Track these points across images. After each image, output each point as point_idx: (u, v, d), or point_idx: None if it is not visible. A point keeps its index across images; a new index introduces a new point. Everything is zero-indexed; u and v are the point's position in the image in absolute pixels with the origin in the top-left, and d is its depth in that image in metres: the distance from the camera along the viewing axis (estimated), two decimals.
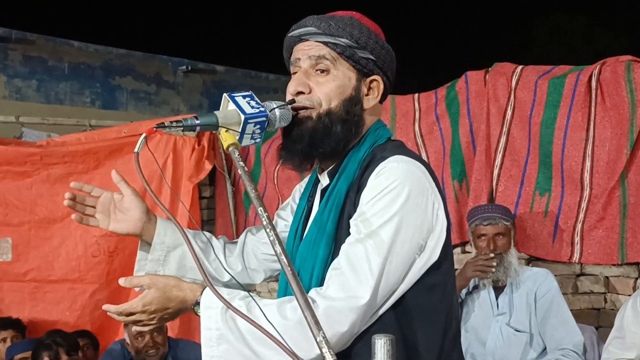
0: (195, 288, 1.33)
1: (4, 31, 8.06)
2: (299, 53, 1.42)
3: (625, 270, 2.88)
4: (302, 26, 1.42)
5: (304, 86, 1.38)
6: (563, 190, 2.99)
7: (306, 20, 1.43)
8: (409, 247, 1.26)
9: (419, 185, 1.28)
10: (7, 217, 4.07)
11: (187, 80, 9.85)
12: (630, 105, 2.76)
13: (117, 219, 1.59)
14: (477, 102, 3.28)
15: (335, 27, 1.38)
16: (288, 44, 1.46)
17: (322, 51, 1.38)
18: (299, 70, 1.42)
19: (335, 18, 1.41)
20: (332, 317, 1.19)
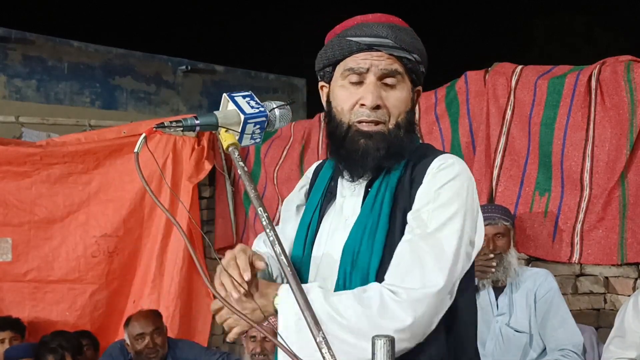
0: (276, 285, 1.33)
1: (3, 31, 8.06)
2: (367, 63, 1.39)
3: (625, 270, 2.87)
4: (375, 35, 1.39)
5: (380, 100, 1.38)
6: (563, 191, 2.99)
7: (378, 29, 1.39)
8: (468, 239, 1.33)
9: (473, 182, 1.39)
10: (7, 217, 4.07)
11: (187, 80, 9.85)
12: (630, 105, 2.76)
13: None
14: (477, 102, 3.28)
15: (409, 41, 1.40)
16: (347, 45, 1.41)
17: (394, 65, 1.39)
18: (366, 81, 1.39)
19: (404, 30, 1.41)
20: (415, 304, 1.24)
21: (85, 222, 4.19)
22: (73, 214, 4.20)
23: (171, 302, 4.15)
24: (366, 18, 1.43)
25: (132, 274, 4.29)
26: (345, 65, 1.41)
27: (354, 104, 1.40)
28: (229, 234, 4.44)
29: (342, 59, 1.43)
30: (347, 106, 1.40)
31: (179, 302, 4.16)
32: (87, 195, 4.22)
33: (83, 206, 4.21)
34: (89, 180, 4.24)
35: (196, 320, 4.30)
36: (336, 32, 1.46)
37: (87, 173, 4.23)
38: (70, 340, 3.45)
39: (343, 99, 1.41)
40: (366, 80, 1.39)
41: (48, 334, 3.51)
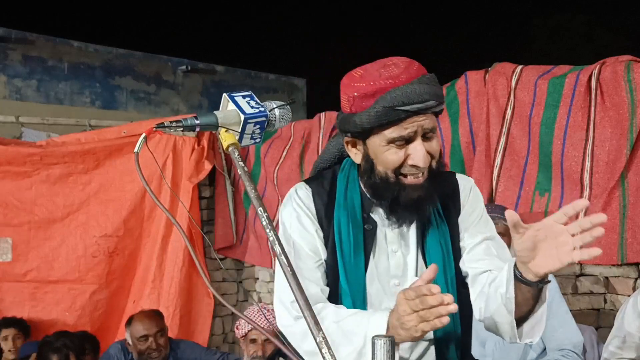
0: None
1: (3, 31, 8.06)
2: (414, 127, 1.43)
3: (625, 270, 2.87)
4: (420, 101, 1.41)
5: (427, 158, 1.46)
6: (563, 191, 2.99)
7: (420, 92, 1.41)
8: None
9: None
10: (7, 218, 4.08)
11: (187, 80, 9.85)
12: (630, 105, 2.76)
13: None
14: (477, 102, 3.28)
15: (441, 94, 1.47)
16: (396, 116, 1.42)
17: (434, 122, 1.47)
18: (414, 143, 1.44)
19: (433, 81, 1.47)
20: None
21: (85, 222, 4.19)
22: (73, 214, 4.20)
23: (171, 302, 4.15)
24: (398, 77, 1.42)
25: (132, 274, 4.30)
26: (392, 133, 1.44)
27: (402, 162, 1.45)
28: (229, 234, 4.44)
29: (386, 127, 1.44)
30: (395, 165, 1.46)
31: (179, 302, 4.16)
32: (87, 195, 4.22)
33: (83, 206, 4.21)
34: (89, 180, 4.24)
35: (196, 320, 4.30)
36: (367, 94, 1.43)
37: (87, 173, 4.23)
38: (74, 341, 3.46)
39: (391, 160, 1.46)
40: (414, 142, 1.44)
41: (50, 334, 3.51)
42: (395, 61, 1.46)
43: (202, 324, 4.31)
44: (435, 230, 1.53)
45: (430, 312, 1.25)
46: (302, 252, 1.54)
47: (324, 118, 4.05)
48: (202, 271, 1.19)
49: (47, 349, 3.35)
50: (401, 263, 1.54)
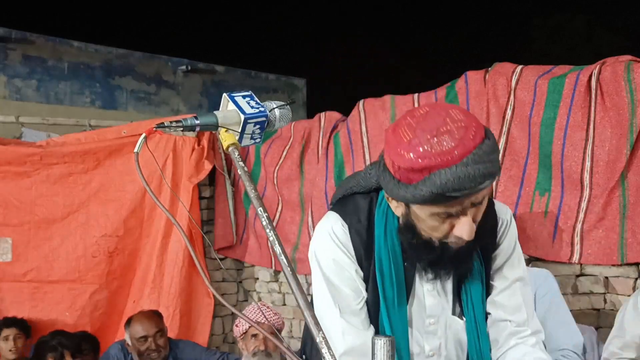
0: None
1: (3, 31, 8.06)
2: (466, 202, 1.31)
3: (625, 270, 2.87)
4: (475, 187, 1.26)
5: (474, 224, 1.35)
6: (563, 191, 2.99)
7: (475, 177, 1.24)
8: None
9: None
10: (6, 218, 4.07)
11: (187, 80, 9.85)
12: (630, 105, 2.76)
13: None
14: (477, 102, 3.28)
15: (497, 166, 1.30)
16: (448, 200, 1.28)
17: (486, 191, 1.35)
18: (462, 217, 1.33)
19: (490, 151, 1.27)
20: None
21: (85, 222, 4.19)
22: (73, 214, 4.19)
23: (171, 302, 4.14)
24: (450, 155, 1.23)
25: (132, 274, 4.29)
26: (438, 209, 1.31)
27: (448, 232, 1.35)
28: (229, 233, 4.44)
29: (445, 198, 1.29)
30: (440, 235, 1.36)
31: (179, 302, 4.16)
32: (87, 195, 4.22)
33: (83, 206, 4.21)
34: (89, 180, 4.24)
35: (196, 320, 4.29)
36: (415, 168, 1.26)
37: (87, 173, 4.23)
38: (70, 339, 3.46)
39: (435, 228, 1.35)
40: (462, 217, 1.32)
41: (46, 334, 3.52)
42: (450, 126, 1.25)
43: (202, 324, 4.31)
44: (476, 270, 1.50)
45: None
46: (343, 293, 1.47)
47: (324, 118, 4.05)
48: (202, 271, 1.19)
49: (43, 348, 3.36)
50: (437, 302, 1.52)
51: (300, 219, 4.11)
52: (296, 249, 4.06)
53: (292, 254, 4.06)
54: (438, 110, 1.29)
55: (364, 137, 3.72)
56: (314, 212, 3.95)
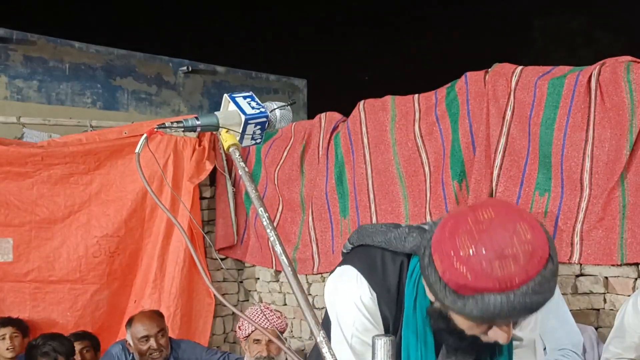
0: None
1: (5, 32, 8.07)
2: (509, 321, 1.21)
3: (625, 270, 2.88)
4: (521, 315, 1.17)
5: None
6: (563, 191, 2.99)
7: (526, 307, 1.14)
8: None
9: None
10: (8, 218, 4.07)
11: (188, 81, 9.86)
12: (630, 105, 2.77)
13: None
14: (477, 102, 3.28)
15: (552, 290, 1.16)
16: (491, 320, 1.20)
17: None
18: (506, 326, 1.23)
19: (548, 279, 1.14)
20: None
21: (86, 223, 4.19)
22: (74, 215, 4.20)
23: (172, 302, 4.15)
24: (512, 281, 1.11)
25: (134, 274, 4.30)
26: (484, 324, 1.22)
27: (484, 332, 1.24)
28: (230, 234, 4.44)
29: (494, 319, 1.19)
30: (475, 332, 1.25)
31: (180, 302, 4.16)
32: (88, 196, 4.22)
33: (84, 206, 4.22)
34: (90, 180, 4.24)
35: (197, 320, 4.30)
36: (468, 285, 1.13)
37: (88, 173, 4.23)
38: (64, 343, 3.45)
39: (472, 329, 1.25)
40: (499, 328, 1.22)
41: (37, 337, 3.51)
42: (517, 248, 1.11)
43: (203, 324, 4.31)
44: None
45: None
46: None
47: (325, 119, 4.05)
48: (203, 271, 1.19)
49: (34, 353, 3.35)
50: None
51: (300, 219, 4.12)
52: (297, 249, 4.07)
53: (293, 254, 4.07)
54: (504, 221, 1.14)
55: (365, 137, 3.73)
56: (315, 213, 3.96)
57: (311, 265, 3.99)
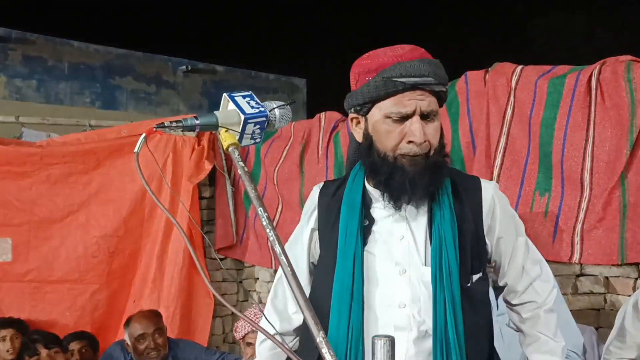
0: None
1: (4, 31, 8.06)
2: (412, 104, 1.49)
3: (625, 270, 2.87)
4: (418, 75, 1.48)
5: (424, 133, 1.50)
6: (563, 191, 2.99)
7: (420, 68, 1.49)
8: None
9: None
10: (6, 218, 4.07)
11: (187, 80, 9.86)
12: (630, 105, 2.76)
13: None
14: (477, 102, 3.28)
15: (443, 75, 1.53)
16: (393, 88, 1.49)
17: (433, 106, 1.52)
18: (412, 120, 1.49)
19: (435, 63, 1.52)
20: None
21: (85, 222, 4.19)
22: (73, 214, 4.19)
23: (171, 302, 4.14)
24: (402, 56, 1.50)
25: (133, 274, 4.29)
26: (391, 107, 1.50)
27: (400, 140, 1.49)
28: (229, 234, 4.44)
29: (385, 98, 1.51)
30: (393, 142, 1.50)
31: (179, 302, 4.16)
32: (87, 196, 4.22)
33: (83, 206, 4.21)
34: (89, 180, 4.24)
35: (196, 320, 4.29)
36: (371, 69, 1.51)
37: (88, 173, 4.23)
38: (43, 334, 3.55)
39: (389, 136, 1.50)
40: (412, 119, 1.49)
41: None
42: (403, 45, 1.54)
43: (202, 324, 4.31)
44: (447, 220, 1.53)
45: None
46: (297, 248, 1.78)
47: (324, 118, 4.05)
48: (202, 271, 1.19)
49: (21, 352, 3.44)
50: (407, 251, 1.55)
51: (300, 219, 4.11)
52: None
53: None
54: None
55: None
56: None
57: None
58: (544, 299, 1.70)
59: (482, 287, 1.61)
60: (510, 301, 1.74)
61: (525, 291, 1.69)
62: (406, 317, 1.51)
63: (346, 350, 1.52)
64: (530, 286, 1.69)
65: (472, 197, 1.59)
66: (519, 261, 1.67)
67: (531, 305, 1.70)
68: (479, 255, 1.59)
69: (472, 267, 1.56)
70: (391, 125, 1.50)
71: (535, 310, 1.69)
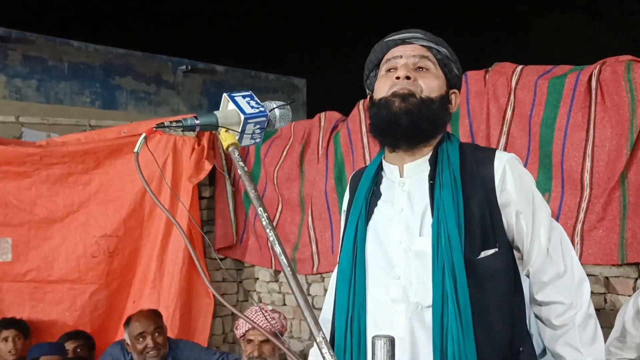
0: None
1: (3, 31, 8.06)
2: (399, 51, 1.59)
3: (625, 270, 2.87)
4: (406, 32, 1.61)
5: (412, 74, 1.55)
6: (563, 191, 2.99)
7: (409, 30, 1.62)
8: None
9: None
10: (7, 218, 4.07)
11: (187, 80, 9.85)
12: (630, 105, 2.76)
13: None
14: (477, 102, 3.28)
15: (437, 39, 1.61)
16: (385, 46, 1.63)
17: (426, 53, 1.58)
18: (399, 65, 1.57)
19: (422, 31, 1.62)
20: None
21: (85, 222, 4.19)
22: (73, 214, 4.19)
23: (171, 302, 4.14)
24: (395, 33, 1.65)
25: (132, 274, 4.29)
26: (384, 64, 1.61)
27: (391, 84, 1.55)
28: (229, 234, 4.44)
29: (381, 59, 1.63)
30: (385, 87, 1.56)
31: (179, 302, 4.16)
32: (87, 195, 4.22)
33: (83, 206, 4.21)
34: (89, 180, 4.24)
35: (196, 320, 4.29)
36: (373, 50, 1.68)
37: (87, 173, 4.23)
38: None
39: (382, 83, 1.59)
40: (399, 65, 1.57)
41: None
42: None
43: (202, 324, 4.31)
44: (448, 191, 1.48)
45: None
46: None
47: (324, 118, 4.05)
48: (202, 271, 1.19)
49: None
50: (404, 223, 1.53)
51: (300, 219, 4.11)
52: (296, 249, 4.06)
53: (292, 254, 4.06)
54: None
55: (364, 137, 3.72)
56: (314, 212, 3.95)
57: (310, 265, 3.98)
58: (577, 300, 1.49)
59: (497, 263, 1.46)
60: (535, 297, 1.54)
61: (552, 283, 1.50)
62: (401, 289, 1.48)
63: (347, 319, 1.53)
64: (558, 280, 1.50)
65: (484, 168, 1.52)
66: (543, 240, 1.51)
67: (560, 308, 1.49)
68: (493, 229, 1.48)
69: (484, 240, 1.46)
70: (384, 75, 1.59)
71: (566, 314, 1.48)
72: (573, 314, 1.48)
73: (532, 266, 1.53)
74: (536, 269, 1.52)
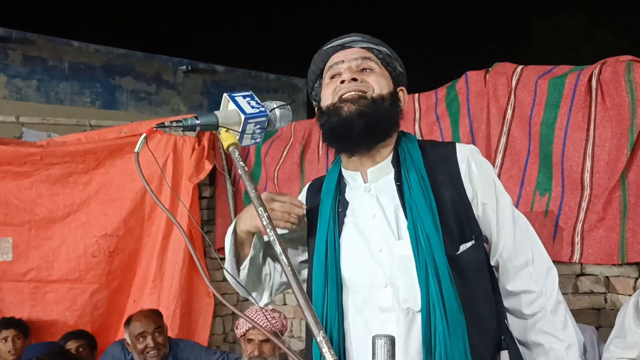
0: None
1: (4, 31, 8.07)
2: (340, 57, 1.59)
3: (626, 270, 2.87)
4: (344, 37, 1.61)
5: (356, 75, 1.54)
6: (563, 190, 2.99)
7: (346, 35, 1.62)
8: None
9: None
10: (7, 217, 4.07)
11: (187, 80, 9.86)
12: (631, 105, 2.76)
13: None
14: (477, 102, 3.28)
15: (376, 40, 1.62)
16: (326, 54, 1.63)
17: (367, 54, 1.58)
18: (342, 69, 1.57)
19: (363, 35, 1.62)
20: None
21: (85, 222, 4.19)
22: (73, 214, 4.20)
23: (171, 301, 4.15)
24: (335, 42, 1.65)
25: (133, 273, 4.29)
26: (326, 72, 1.61)
27: (335, 88, 1.54)
28: None
29: (323, 67, 1.62)
30: (330, 93, 1.56)
31: (180, 301, 4.16)
32: (87, 195, 4.22)
33: (83, 206, 4.21)
34: (89, 180, 4.24)
35: (196, 319, 4.30)
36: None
37: (88, 173, 4.23)
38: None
39: (327, 91, 1.57)
40: (343, 69, 1.57)
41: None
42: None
43: (203, 324, 4.31)
44: (417, 191, 1.47)
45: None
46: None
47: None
48: (203, 271, 1.19)
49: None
50: (379, 228, 1.50)
51: None
52: None
53: None
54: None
55: None
56: None
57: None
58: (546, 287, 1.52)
59: (475, 255, 1.47)
60: (506, 287, 1.54)
61: (520, 272, 1.52)
62: (389, 297, 1.45)
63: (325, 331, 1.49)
64: (526, 268, 1.52)
65: (448, 162, 1.52)
66: (509, 230, 1.53)
67: (531, 296, 1.50)
68: (468, 222, 1.48)
69: (460, 234, 1.46)
70: (330, 82, 1.58)
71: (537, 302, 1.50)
72: (543, 301, 1.50)
73: (501, 256, 1.54)
74: (505, 259, 1.53)
